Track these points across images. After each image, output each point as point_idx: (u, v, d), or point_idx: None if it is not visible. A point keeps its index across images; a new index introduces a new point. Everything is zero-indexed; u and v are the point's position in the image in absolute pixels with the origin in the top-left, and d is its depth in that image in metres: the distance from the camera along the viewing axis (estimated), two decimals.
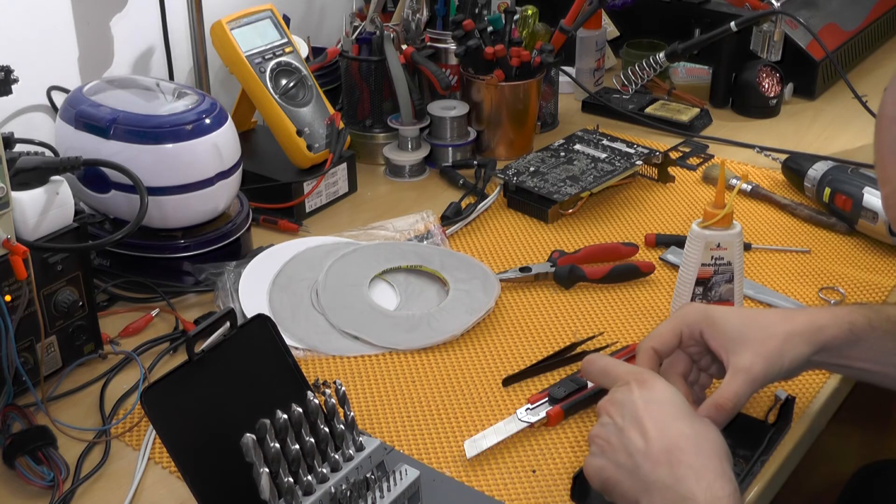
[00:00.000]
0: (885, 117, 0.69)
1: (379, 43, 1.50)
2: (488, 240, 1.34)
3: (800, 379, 1.05)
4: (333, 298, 1.18)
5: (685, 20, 1.80)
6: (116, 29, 1.45)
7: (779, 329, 0.90)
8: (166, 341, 1.13)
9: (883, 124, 0.69)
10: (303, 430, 0.82)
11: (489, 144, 1.57)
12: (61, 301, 1.03)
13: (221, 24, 1.36)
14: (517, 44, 1.57)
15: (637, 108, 1.71)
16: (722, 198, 1.08)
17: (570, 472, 0.93)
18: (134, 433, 0.99)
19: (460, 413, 1.02)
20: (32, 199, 0.98)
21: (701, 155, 1.57)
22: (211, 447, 0.80)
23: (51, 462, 0.93)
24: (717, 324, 0.92)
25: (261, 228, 1.35)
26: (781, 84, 1.72)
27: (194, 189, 1.18)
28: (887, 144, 0.68)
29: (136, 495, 0.92)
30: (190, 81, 1.55)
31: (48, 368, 1.04)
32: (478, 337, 1.14)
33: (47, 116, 1.37)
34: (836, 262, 1.28)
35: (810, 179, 1.39)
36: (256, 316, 0.89)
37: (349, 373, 1.08)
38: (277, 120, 1.38)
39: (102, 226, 1.22)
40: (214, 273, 1.20)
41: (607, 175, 1.42)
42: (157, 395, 0.79)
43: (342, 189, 1.45)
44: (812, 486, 1.36)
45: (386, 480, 0.86)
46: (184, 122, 1.17)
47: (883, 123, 0.69)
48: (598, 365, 0.92)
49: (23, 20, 1.32)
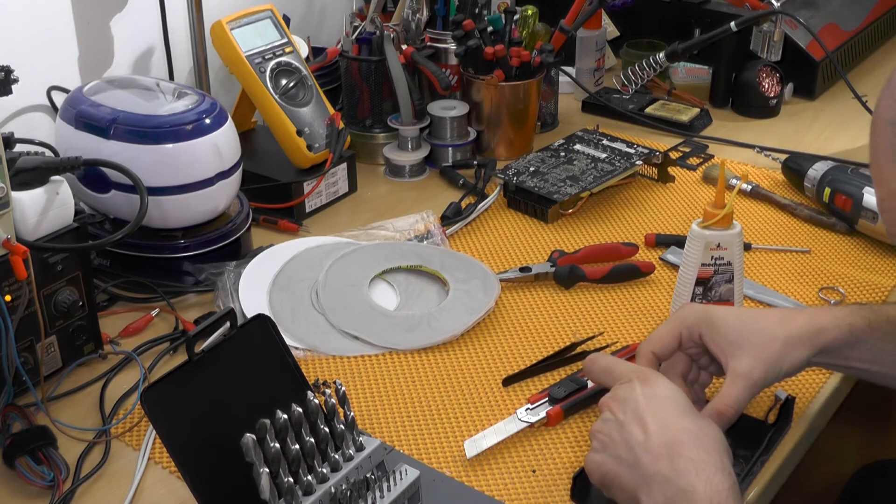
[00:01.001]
0: (879, 119, 0.69)
1: (379, 43, 1.50)
2: (488, 240, 1.34)
3: (800, 379, 1.05)
4: (333, 298, 1.18)
5: (685, 20, 1.79)
6: (116, 29, 1.45)
7: (778, 332, 0.90)
8: (166, 341, 1.13)
9: (878, 126, 0.69)
10: (303, 430, 0.82)
11: (489, 144, 1.57)
12: (61, 301, 1.03)
13: (221, 24, 1.36)
14: (517, 44, 1.57)
15: (637, 108, 1.71)
16: (722, 198, 1.08)
17: (570, 472, 0.93)
18: (134, 433, 0.99)
19: (460, 413, 1.02)
20: (32, 199, 0.98)
21: (701, 155, 1.57)
22: (211, 447, 0.80)
23: (51, 462, 0.93)
24: (716, 326, 0.92)
25: (261, 228, 1.35)
26: (781, 84, 1.72)
27: (194, 189, 1.18)
28: (882, 147, 0.68)
29: (136, 495, 0.92)
30: (190, 81, 1.55)
31: (48, 368, 1.04)
32: (478, 337, 1.14)
33: (47, 116, 1.37)
34: (836, 262, 1.28)
35: (810, 179, 1.39)
36: (256, 316, 0.89)
37: (349, 373, 1.08)
38: (277, 120, 1.38)
39: (102, 226, 1.22)
40: (214, 273, 1.20)
41: (607, 175, 1.42)
42: (157, 395, 0.79)
43: (342, 189, 1.45)
44: (812, 486, 1.36)
45: (386, 480, 0.86)
46: (184, 122, 1.17)
47: (878, 125, 0.69)
48: (601, 364, 0.92)
49: (23, 20, 1.32)
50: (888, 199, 0.69)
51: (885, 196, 0.70)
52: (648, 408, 0.82)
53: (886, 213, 0.71)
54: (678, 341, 0.94)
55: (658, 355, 0.94)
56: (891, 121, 0.67)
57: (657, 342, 0.94)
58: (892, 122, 0.67)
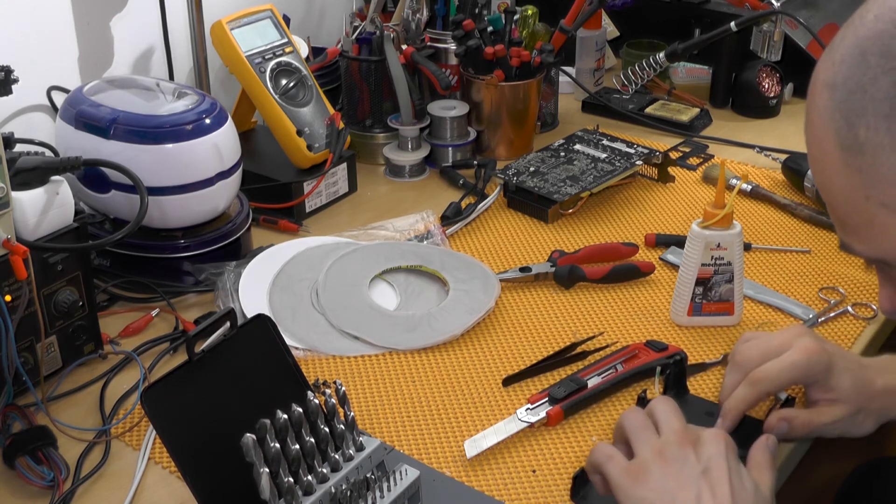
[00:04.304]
0: (817, 81, 0.69)
1: (379, 43, 1.50)
2: (488, 240, 1.34)
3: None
4: (333, 298, 1.18)
5: (685, 20, 1.80)
6: (116, 29, 1.45)
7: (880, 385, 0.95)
8: (166, 341, 1.13)
9: (815, 88, 0.69)
10: (303, 430, 0.82)
11: (489, 144, 1.57)
12: (61, 301, 1.03)
13: (221, 24, 1.36)
14: (517, 44, 1.57)
15: (637, 108, 1.71)
16: (722, 198, 1.08)
17: (570, 472, 0.93)
18: (134, 433, 0.99)
19: (460, 413, 1.02)
20: (32, 199, 0.98)
21: (701, 155, 1.57)
22: (211, 447, 0.80)
23: (51, 462, 0.93)
24: (831, 382, 0.94)
25: (261, 228, 1.35)
26: (781, 84, 1.72)
27: (194, 189, 1.18)
28: (816, 109, 0.69)
29: (136, 495, 0.92)
30: (190, 81, 1.55)
31: (48, 368, 1.04)
32: (478, 337, 1.14)
33: (47, 116, 1.37)
34: (836, 262, 1.28)
35: (810, 179, 1.39)
36: (256, 316, 0.89)
37: (349, 373, 1.08)
38: (277, 120, 1.38)
39: (102, 226, 1.22)
40: (214, 273, 1.20)
41: (607, 175, 1.42)
42: (157, 395, 0.79)
43: (342, 189, 1.45)
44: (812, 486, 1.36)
45: (386, 480, 0.86)
46: (184, 122, 1.17)
47: (815, 87, 0.69)
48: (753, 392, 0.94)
49: (23, 20, 1.32)
50: (820, 160, 0.70)
51: (816, 156, 0.71)
52: (723, 471, 0.80)
53: (818, 175, 0.72)
54: (792, 383, 0.96)
55: (771, 393, 0.96)
56: (827, 83, 0.68)
57: (776, 384, 0.95)
58: (828, 84, 0.67)
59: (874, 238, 0.69)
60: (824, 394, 0.94)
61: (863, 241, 0.71)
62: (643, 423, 0.85)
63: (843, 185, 0.68)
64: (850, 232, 0.71)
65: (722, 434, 0.84)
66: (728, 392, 0.95)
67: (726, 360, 1.08)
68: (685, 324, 1.15)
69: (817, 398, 0.95)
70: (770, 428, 0.93)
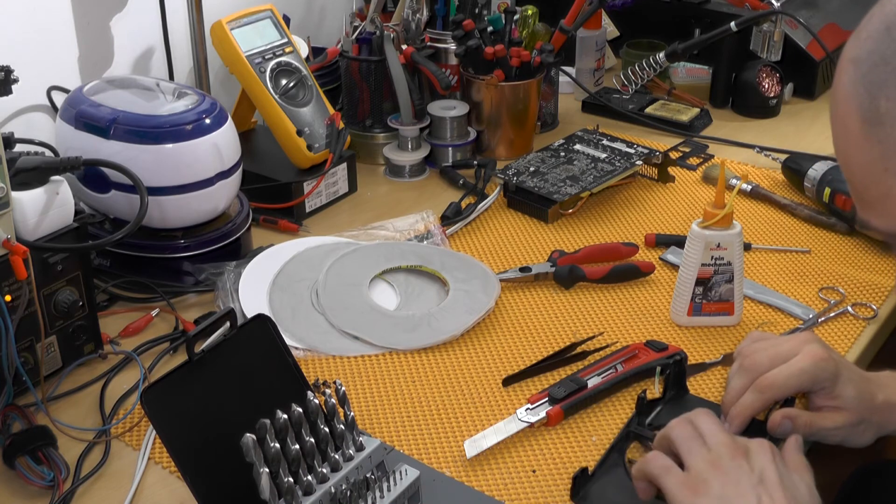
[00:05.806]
0: (844, 59, 0.69)
1: (379, 43, 1.50)
2: (488, 240, 1.34)
3: None
4: (333, 298, 1.18)
5: (685, 20, 1.80)
6: (116, 29, 1.45)
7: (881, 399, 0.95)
8: (166, 341, 1.13)
9: (842, 65, 0.69)
10: (303, 430, 0.82)
11: (489, 144, 1.57)
12: (61, 301, 1.03)
13: (221, 24, 1.36)
14: (517, 44, 1.57)
15: (637, 108, 1.71)
16: (722, 198, 1.08)
17: (570, 471, 0.93)
18: (134, 433, 0.99)
19: (460, 413, 1.02)
20: (32, 199, 0.98)
21: (701, 155, 1.57)
22: (211, 447, 0.80)
23: (51, 462, 0.93)
24: (836, 390, 0.94)
25: (261, 228, 1.35)
26: (781, 84, 1.72)
27: (194, 189, 1.18)
28: (841, 84, 0.69)
29: (136, 495, 0.92)
30: (190, 81, 1.55)
31: (48, 368, 1.04)
32: (478, 337, 1.14)
33: (47, 116, 1.37)
34: (836, 262, 1.28)
35: (810, 179, 1.39)
36: (256, 316, 0.89)
37: (349, 373, 1.08)
38: (277, 120, 1.38)
39: (102, 226, 1.22)
40: (214, 273, 1.20)
41: (607, 175, 1.42)
42: (157, 395, 0.79)
43: (342, 189, 1.45)
44: None
45: (386, 480, 0.86)
46: (184, 122, 1.17)
47: (842, 65, 0.69)
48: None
49: (23, 20, 1.32)
50: (843, 135, 0.70)
51: (839, 133, 0.71)
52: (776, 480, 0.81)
53: (840, 152, 0.72)
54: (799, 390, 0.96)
55: (777, 400, 0.96)
56: (853, 59, 0.68)
57: (782, 391, 0.94)
58: (853, 60, 0.67)
59: (892, 210, 0.69)
60: (829, 401, 0.94)
61: (880, 215, 0.70)
62: (692, 434, 0.85)
63: (863, 158, 0.68)
64: (868, 206, 0.71)
65: (767, 443, 0.84)
66: (734, 396, 0.95)
67: (726, 360, 1.08)
68: (685, 324, 1.15)
69: (822, 405, 0.95)
70: (774, 425, 0.93)
